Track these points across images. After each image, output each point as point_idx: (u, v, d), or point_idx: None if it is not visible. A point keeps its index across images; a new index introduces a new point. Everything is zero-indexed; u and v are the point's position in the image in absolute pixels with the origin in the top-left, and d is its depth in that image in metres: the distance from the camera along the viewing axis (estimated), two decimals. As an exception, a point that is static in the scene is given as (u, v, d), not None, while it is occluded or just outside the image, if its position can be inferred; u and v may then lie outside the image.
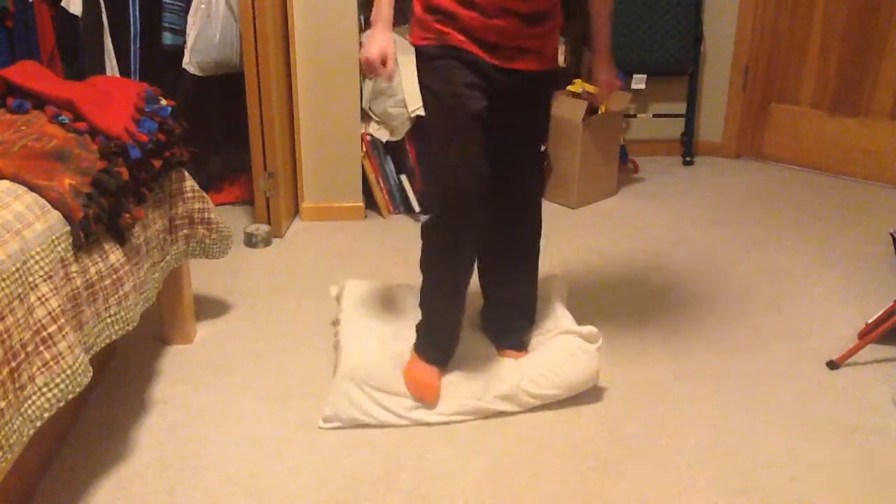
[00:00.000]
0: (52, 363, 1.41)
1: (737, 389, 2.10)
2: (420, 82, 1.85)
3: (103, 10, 2.93)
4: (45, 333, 1.40)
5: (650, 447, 1.87)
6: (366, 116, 3.24)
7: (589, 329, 2.02)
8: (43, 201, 1.50)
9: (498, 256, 2.06)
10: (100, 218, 1.62)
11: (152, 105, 1.94)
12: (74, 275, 1.53)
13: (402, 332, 2.11)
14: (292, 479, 1.77)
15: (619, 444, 1.88)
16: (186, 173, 2.12)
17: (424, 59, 1.82)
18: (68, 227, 1.53)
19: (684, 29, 3.75)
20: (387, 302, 2.25)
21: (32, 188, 1.51)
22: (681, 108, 3.98)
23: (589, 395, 2.04)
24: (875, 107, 3.63)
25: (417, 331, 2.04)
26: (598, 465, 1.80)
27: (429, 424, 1.94)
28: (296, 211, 3.28)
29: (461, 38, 1.76)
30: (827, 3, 3.64)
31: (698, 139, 4.07)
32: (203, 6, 2.95)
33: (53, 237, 1.48)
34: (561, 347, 2.02)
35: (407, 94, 3.05)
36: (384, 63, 1.77)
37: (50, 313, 1.41)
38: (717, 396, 2.07)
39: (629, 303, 2.57)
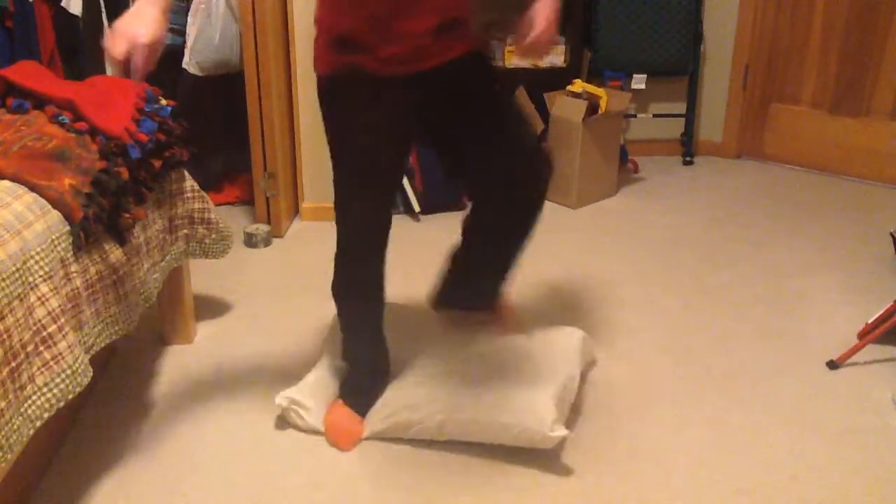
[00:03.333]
0: (52, 363, 1.41)
1: (737, 389, 2.10)
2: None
3: (103, 10, 2.93)
4: (45, 333, 1.40)
5: (650, 447, 1.87)
6: (366, 116, 3.24)
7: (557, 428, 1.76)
8: (43, 201, 1.50)
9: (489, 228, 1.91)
10: (100, 218, 1.62)
11: (152, 105, 1.94)
12: (74, 275, 1.53)
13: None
14: (291, 478, 1.77)
15: (619, 444, 1.88)
16: (186, 173, 2.12)
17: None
18: (68, 227, 1.53)
19: (684, 29, 3.75)
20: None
21: (32, 188, 1.51)
22: (681, 108, 3.98)
23: (589, 395, 2.04)
24: (875, 107, 3.63)
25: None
26: (599, 465, 1.80)
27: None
28: (296, 211, 3.28)
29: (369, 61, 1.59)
30: (827, 3, 3.64)
31: (698, 139, 4.07)
32: (203, 6, 2.95)
33: (53, 237, 1.48)
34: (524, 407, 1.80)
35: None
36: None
37: (50, 313, 1.41)
38: (717, 396, 2.07)
39: (628, 303, 2.56)
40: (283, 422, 1.95)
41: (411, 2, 1.54)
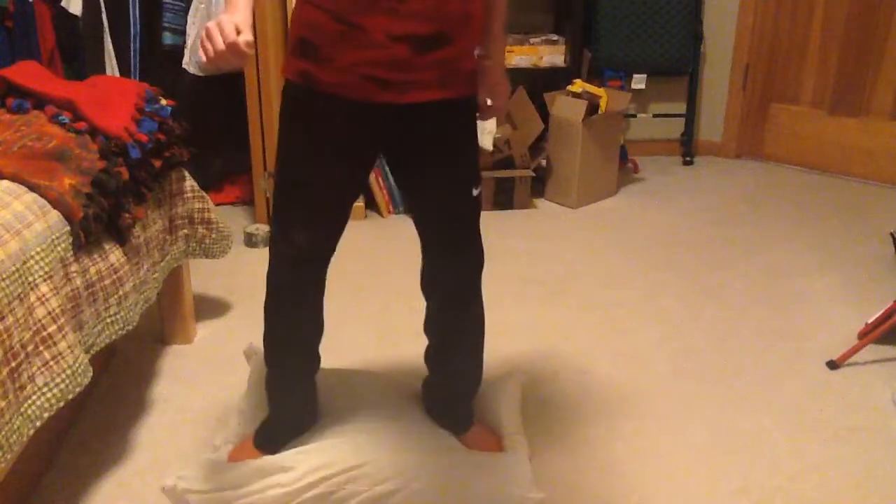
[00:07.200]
0: (52, 363, 1.41)
1: (737, 389, 2.10)
2: None
3: (103, 10, 2.93)
4: (45, 333, 1.40)
5: (650, 447, 1.87)
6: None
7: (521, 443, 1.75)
8: (43, 201, 1.50)
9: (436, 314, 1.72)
10: (100, 218, 1.62)
11: (152, 105, 1.94)
12: (74, 275, 1.53)
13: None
14: (292, 479, 1.76)
15: (618, 444, 1.88)
16: (186, 173, 2.12)
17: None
18: (68, 227, 1.53)
19: (684, 29, 3.75)
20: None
21: (32, 188, 1.50)
22: (681, 108, 3.98)
23: (588, 395, 2.04)
24: (875, 107, 3.63)
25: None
26: (599, 466, 1.80)
27: None
28: (296, 211, 3.28)
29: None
30: (827, 3, 3.64)
31: (698, 139, 4.07)
32: (203, 6, 2.96)
33: (53, 237, 1.48)
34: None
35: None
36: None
37: (50, 313, 1.41)
38: (718, 396, 2.07)
39: (628, 302, 2.56)
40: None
41: None
